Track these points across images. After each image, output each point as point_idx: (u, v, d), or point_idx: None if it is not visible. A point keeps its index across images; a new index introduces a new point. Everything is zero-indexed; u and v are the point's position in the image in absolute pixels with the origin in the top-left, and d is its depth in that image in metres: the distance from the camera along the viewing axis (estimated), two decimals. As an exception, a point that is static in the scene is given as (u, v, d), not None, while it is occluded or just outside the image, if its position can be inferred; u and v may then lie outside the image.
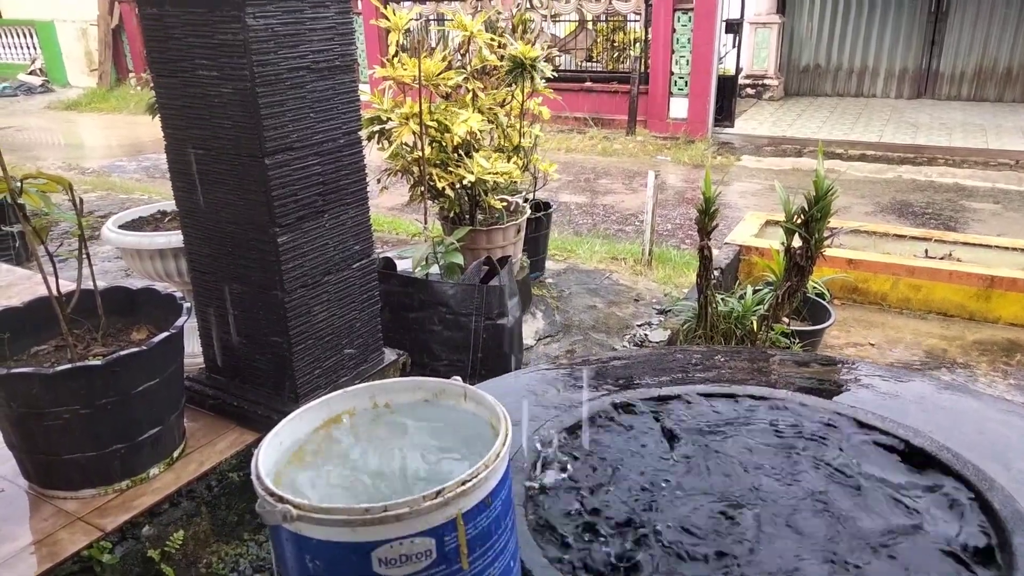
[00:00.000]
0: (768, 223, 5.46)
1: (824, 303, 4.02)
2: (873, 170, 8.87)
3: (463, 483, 1.02)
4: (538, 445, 1.54)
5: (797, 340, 3.55)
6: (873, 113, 11.71)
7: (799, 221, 3.15)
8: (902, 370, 2.78)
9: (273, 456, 1.13)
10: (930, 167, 8.91)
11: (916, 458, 1.57)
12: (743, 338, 3.45)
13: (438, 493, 1.00)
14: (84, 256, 2.26)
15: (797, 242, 3.20)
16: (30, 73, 16.09)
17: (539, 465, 1.49)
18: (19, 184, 2.07)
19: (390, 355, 2.95)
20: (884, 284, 4.75)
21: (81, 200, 2.26)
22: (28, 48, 16.52)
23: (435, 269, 3.55)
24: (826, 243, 3.18)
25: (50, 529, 2.12)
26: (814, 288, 3.96)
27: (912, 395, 1.88)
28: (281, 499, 1.01)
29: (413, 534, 1.00)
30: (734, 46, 10.74)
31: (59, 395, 2.08)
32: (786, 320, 3.46)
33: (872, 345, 4.34)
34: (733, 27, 10.60)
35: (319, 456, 1.19)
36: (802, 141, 10.04)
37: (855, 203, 7.50)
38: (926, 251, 5.08)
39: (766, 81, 12.83)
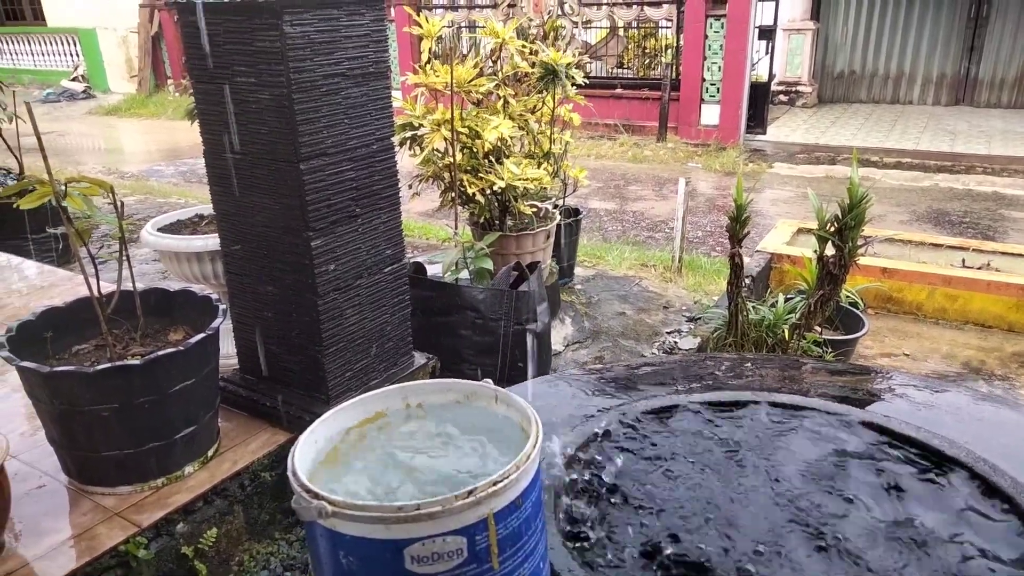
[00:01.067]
0: (800, 231, 5.41)
1: (858, 312, 3.96)
2: (909, 178, 8.73)
3: (495, 483, 1.03)
4: (569, 450, 1.54)
5: (829, 349, 3.51)
6: (909, 120, 11.53)
7: (832, 229, 3.11)
8: (937, 380, 2.74)
9: (309, 454, 1.16)
10: (968, 175, 8.74)
11: (954, 471, 1.55)
12: (774, 346, 3.42)
13: (470, 493, 1.01)
14: (124, 258, 2.32)
15: (830, 250, 3.16)
16: (73, 79, 16.50)
17: (570, 470, 1.49)
18: (63, 187, 2.13)
19: (420, 359, 2.98)
20: (920, 294, 4.68)
21: (122, 203, 2.32)
22: (71, 55, 16.96)
23: (465, 274, 3.57)
24: (860, 251, 3.14)
25: (89, 524, 2.17)
26: (847, 297, 3.91)
27: (948, 405, 1.85)
28: (316, 496, 1.03)
29: (445, 532, 1.01)
30: (767, 52, 10.66)
31: (99, 393, 2.13)
32: (818, 329, 3.42)
33: (907, 355, 4.27)
34: (766, 33, 10.53)
35: (353, 455, 1.21)
36: (836, 148, 9.91)
37: (890, 211, 7.39)
38: (963, 261, 4.99)
39: (799, 88, 12.70)
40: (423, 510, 0.99)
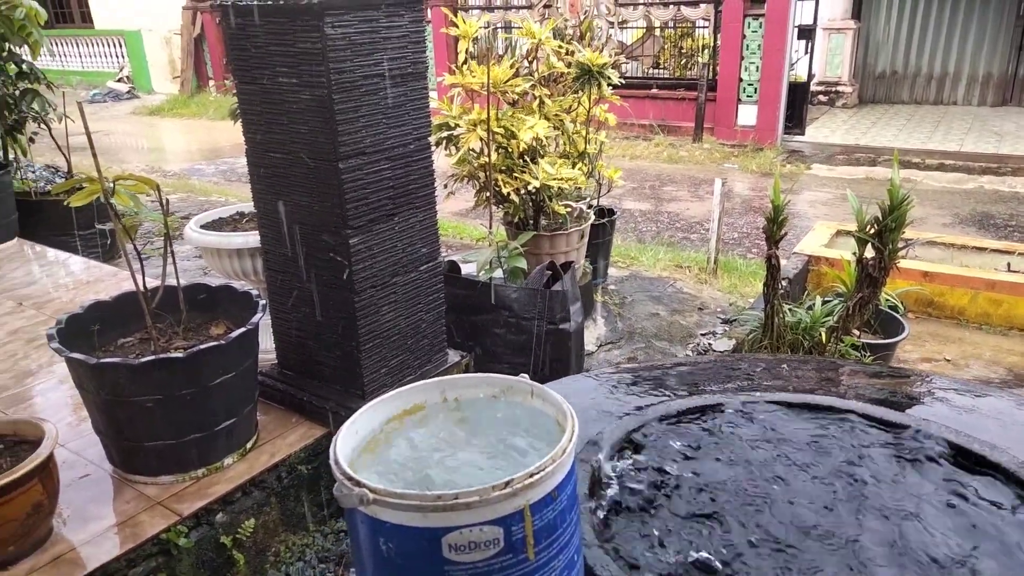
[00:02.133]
0: (839, 233, 5.33)
1: (897, 316, 3.90)
2: (952, 180, 8.54)
3: (531, 475, 1.05)
4: (604, 447, 1.55)
5: (868, 353, 3.46)
6: (953, 121, 11.27)
7: (872, 231, 3.07)
8: (979, 385, 2.68)
9: (350, 443, 1.19)
10: (1014, 177, 8.51)
11: (998, 476, 1.52)
12: (811, 350, 3.38)
13: (507, 484, 1.03)
14: (169, 254, 2.38)
15: (870, 253, 3.12)
16: (118, 80, 16.92)
17: (604, 467, 1.50)
18: (112, 185, 2.20)
19: (453, 356, 3.01)
20: (962, 298, 4.58)
21: (167, 201, 2.38)
22: (117, 57, 17.38)
23: (499, 273, 3.59)
24: (900, 254, 3.09)
25: (132, 512, 2.24)
26: (887, 301, 3.85)
27: (990, 410, 1.82)
28: (358, 483, 1.06)
29: (482, 522, 1.03)
30: (806, 52, 10.50)
31: (143, 385, 2.19)
32: (856, 333, 3.37)
33: (948, 361, 4.19)
34: (805, 33, 10.38)
35: (391, 445, 1.24)
36: (876, 150, 9.73)
37: (932, 214, 7.24)
38: (1008, 265, 4.86)
39: (839, 88, 12.49)
40: (460, 500, 1.02)
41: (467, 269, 3.68)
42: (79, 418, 2.72)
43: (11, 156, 5.25)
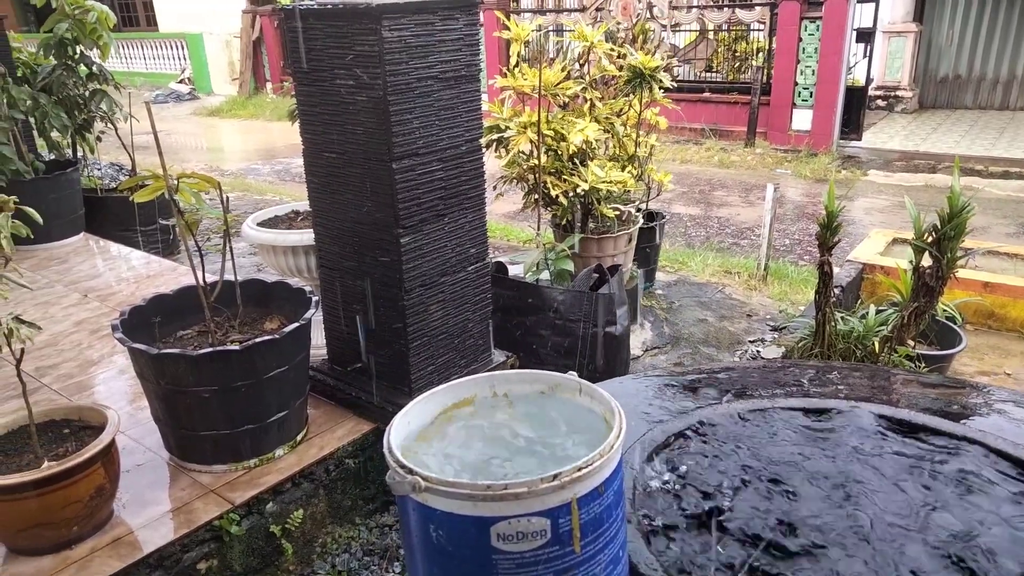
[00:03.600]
0: (895, 241, 5.19)
1: (955, 327, 3.78)
2: (1017, 188, 8.24)
3: (579, 469, 1.07)
4: (649, 448, 1.55)
5: (923, 364, 3.37)
6: (1020, 127, 10.87)
7: (930, 239, 2.99)
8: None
9: (402, 433, 1.22)
10: (1084, 186, 8.18)
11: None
12: (863, 359, 3.30)
13: (555, 476, 1.05)
14: (228, 250, 2.46)
15: (927, 261, 3.04)
16: (179, 82, 17.46)
17: (649, 467, 1.50)
18: (175, 182, 2.28)
19: (499, 356, 3.03)
20: (1025, 310, 4.42)
21: (227, 199, 2.46)
22: (179, 59, 17.93)
23: (546, 275, 3.61)
24: (959, 263, 3.01)
25: (187, 498, 2.32)
26: (944, 311, 3.74)
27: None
28: (410, 471, 1.09)
29: (530, 513, 1.05)
30: (865, 56, 10.26)
31: (201, 375, 2.27)
32: (911, 343, 3.29)
33: (1008, 375, 4.05)
34: (864, 36, 10.14)
35: (442, 437, 1.27)
36: (937, 156, 9.45)
37: (995, 223, 7.00)
38: (1076, 277, 4.68)
39: (899, 92, 12.16)
40: (510, 490, 1.04)
41: (514, 270, 3.70)
42: (137, 407, 2.83)
43: (80, 154, 5.48)
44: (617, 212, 4.25)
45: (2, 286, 1.97)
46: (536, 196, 3.92)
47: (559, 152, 3.96)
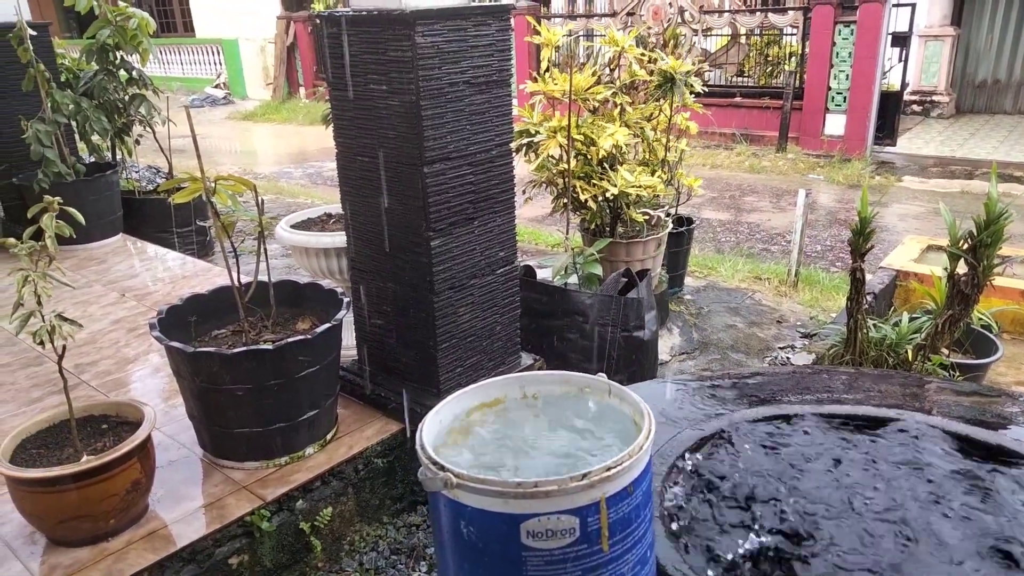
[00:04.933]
0: (930, 248, 5.11)
1: (991, 336, 3.72)
2: (1058, 195, 8.05)
3: (608, 468, 1.08)
4: (678, 450, 1.55)
5: (957, 373, 3.31)
6: (1061, 133, 10.63)
7: (966, 246, 2.95)
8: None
9: (434, 431, 1.24)
10: None
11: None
12: (895, 367, 3.26)
13: (584, 476, 1.07)
14: (263, 252, 2.50)
15: (962, 268, 2.99)
16: (215, 86, 17.77)
17: (677, 469, 1.50)
18: (212, 185, 2.34)
19: (527, 359, 3.04)
20: (1065, 320, 4.32)
21: (263, 201, 2.51)
22: (215, 64, 18.26)
23: (574, 279, 3.61)
24: (996, 271, 2.96)
25: (220, 494, 2.36)
26: (980, 320, 3.68)
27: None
28: (442, 468, 1.11)
29: (559, 511, 1.07)
30: (900, 60, 10.11)
31: (235, 374, 2.31)
32: (945, 352, 3.24)
33: (1047, 386, 3.96)
34: (900, 40, 9.99)
35: (472, 435, 1.29)
36: (974, 162, 9.27)
37: (1034, 231, 6.85)
38: (1118, 286, 4.56)
39: (935, 97, 11.95)
40: (540, 488, 1.06)
41: (543, 274, 3.71)
42: (171, 404, 2.89)
43: (119, 157, 5.61)
44: (646, 217, 4.25)
45: (46, 284, 2.03)
46: (565, 200, 3.93)
47: (588, 157, 3.97)
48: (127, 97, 5.29)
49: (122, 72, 5.23)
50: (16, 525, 2.22)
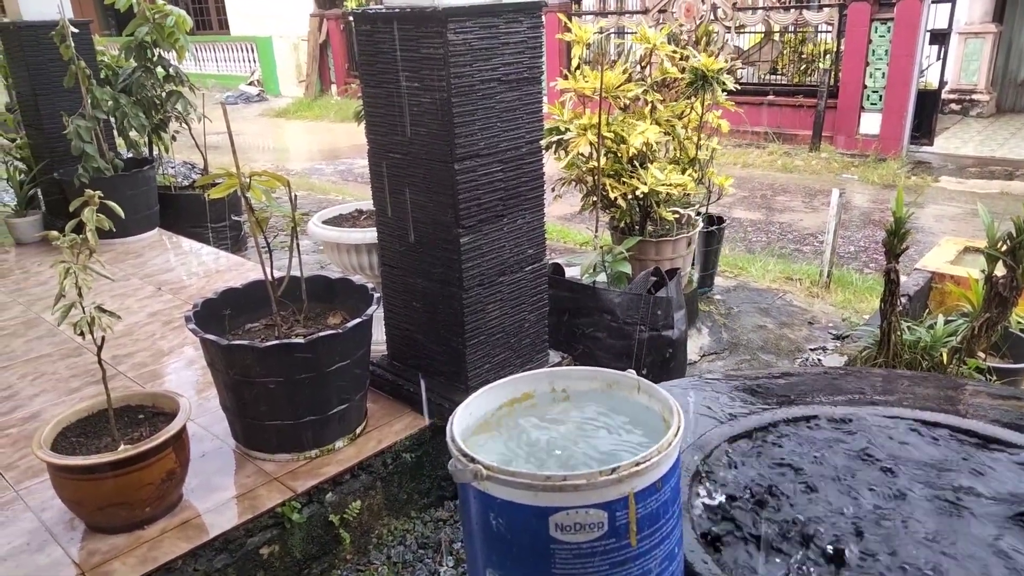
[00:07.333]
0: (967, 250, 5.01)
1: (1030, 340, 3.63)
2: (1102, 197, 7.84)
3: (637, 464, 1.09)
4: (706, 450, 1.55)
5: (994, 378, 3.25)
6: (1106, 133, 10.35)
7: (1004, 247, 2.89)
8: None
9: (464, 423, 1.25)
10: None
11: None
12: (930, 370, 3.21)
13: (613, 470, 1.07)
14: (295, 247, 2.54)
15: (1000, 271, 2.94)
16: (249, 84, 18.01)
17: (706, 469, 1.50)
18: (247, 181, 2.37)
19: (554, 357, 3.05)
20: (1107, 325, 4.20)
21: (296, 197, 2.54)
22: (249, 61, 18.51)
23: (602, 277, 3.61)
24: (1036, 273, 2.90)
25: (252, 485, 2.40)
26: (1019, 324, 3.60)
27: None
28: (472, 460, 1.12)
29: (588, 505, 1.08)
30: (938, 58, 9.91)
31: (267, 367, 2.35)
32: (982, 355, 3.18)
33: (1088, 392, 3.86)
34: (938, 38, 9.80)
35: (502, 429, 1.30)
36: (1015, 162, 9.07)
37: (1077, 233, 6.67)
38: None
39: (975, 96, 11.70)
40: (569, 481, 1.07)
41: (571, 272, 3.71)
42: (204, 396, 2.94)
43: (155, 152, 5.72)
44: (676, 215, 4.22)
45: (86, 276, 2.08)
46: (594, 198, 3.93)
47: (619, 154, 3.96)
48: (164, 94, 5.39)
49: (159, 69, 5.33)
50: (56, 511, 2.28)
